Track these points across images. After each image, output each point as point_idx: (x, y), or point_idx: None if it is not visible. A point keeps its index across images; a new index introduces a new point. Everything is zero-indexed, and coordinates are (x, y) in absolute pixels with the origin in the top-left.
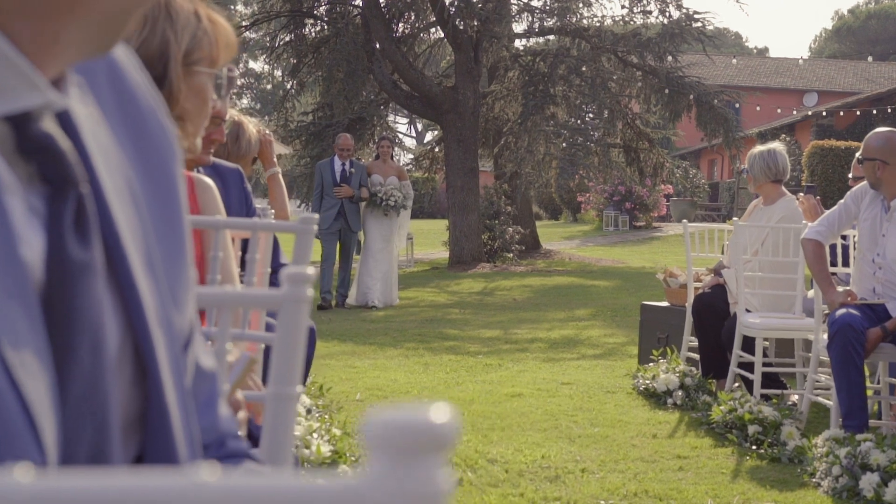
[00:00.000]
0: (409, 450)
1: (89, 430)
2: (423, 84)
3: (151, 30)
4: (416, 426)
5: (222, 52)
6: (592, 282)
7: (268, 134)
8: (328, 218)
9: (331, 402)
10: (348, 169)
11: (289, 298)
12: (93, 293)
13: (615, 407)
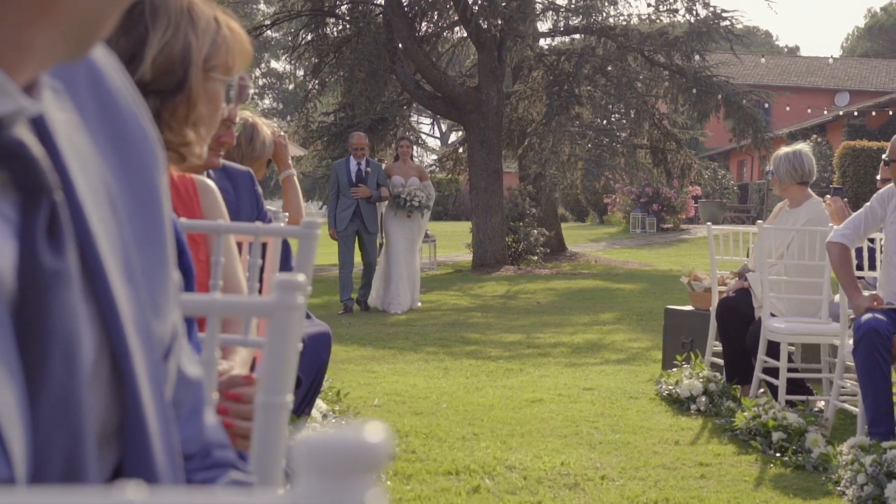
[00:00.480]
0: (337, 470)
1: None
2: (445, 84)
3: (174, 33)
4: (345, 446)
5: (238, 59)
6: (618, 285)
7: (282, 135)
8: (344, 219)
9: (347, 408)
10: (364, 168)
11: (279, 306)
12: (66, 302)
13: (637, 413)
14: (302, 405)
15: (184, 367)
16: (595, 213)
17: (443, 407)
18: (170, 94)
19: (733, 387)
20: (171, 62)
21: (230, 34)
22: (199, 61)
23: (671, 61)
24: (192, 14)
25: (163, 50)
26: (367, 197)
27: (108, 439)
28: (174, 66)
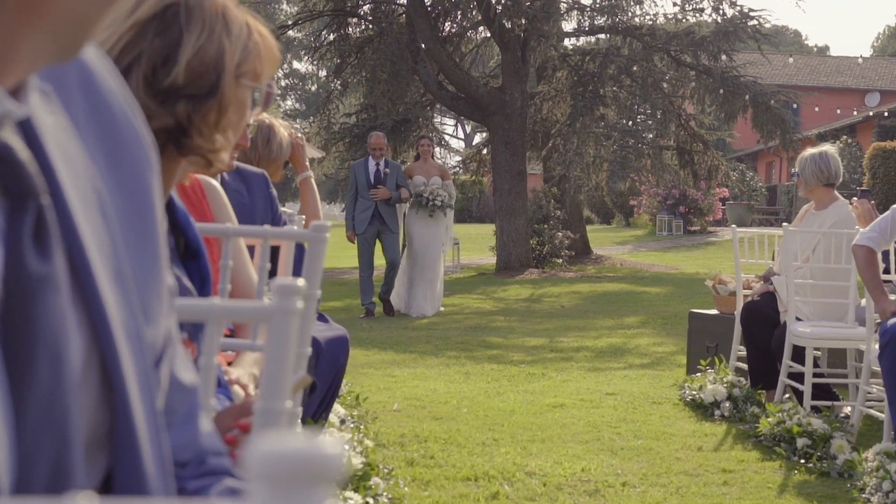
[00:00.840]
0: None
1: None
2: (469, 85)
3: (209, 37)
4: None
5: (266, 66)
6: (643, 288)
7: (300, 137)
8: (363, 221)
9: (366, 413)
10: (382, 169)
11: (279, 311)
12: (53, 307)
13: (660, 418)
14: (319, 410)
15: (178, 372)
16: (621, 215)
17: (463, 412)
18: (202, 98)
19: (758, 392)
20: (204, 66)
21: (261, 40)
22: (232, 67)
23: (698, 61)
24: (227, 18)
25: (197, 53)
26: (386, 198)
27: (97, 446)
28: (208, 70)
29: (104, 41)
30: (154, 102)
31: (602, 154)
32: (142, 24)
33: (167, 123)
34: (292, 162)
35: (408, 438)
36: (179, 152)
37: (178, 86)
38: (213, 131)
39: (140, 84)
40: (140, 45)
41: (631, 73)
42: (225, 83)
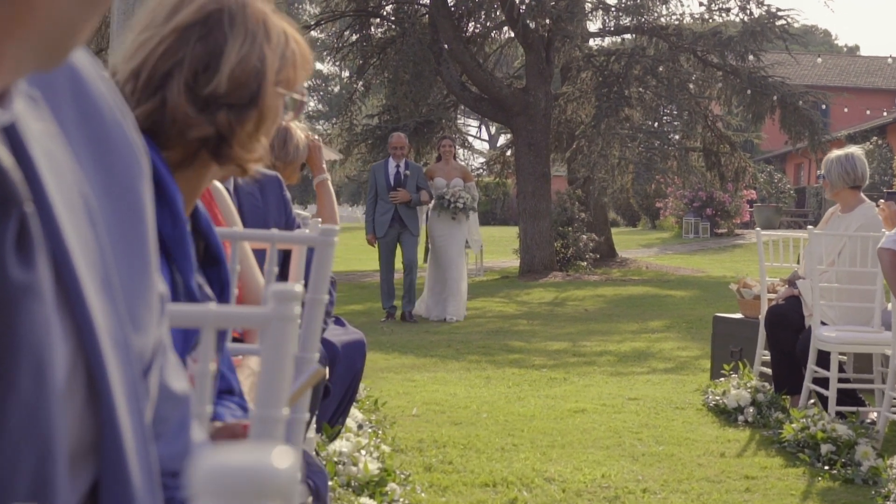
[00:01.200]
0: (237, 496)
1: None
2: (492, 85)
3: (251, 46)
4: (247, 472)
5: (300, 73)
6: (669, 292)
7: (316, 139)
8: (383, 224)
9: (384, 418)
10: (403, 171)
11: (275, 317)
12: (36, 315)
13: (683, 424)
14: (335, 415)
15: (169, 381)
16: (647, 217)
17: (483, 417)
18: (243, 108)
19: (782, 397)
20: (246, 76)
21: (297, 48)
22: (273, 76)
23: (725, 61)
24: (267, 27)
25: (240, 62)
26: (406, 201)
27: (82, 456)
28: (249, 79)
29: (143, 44)
30: (194, 110)
31: (627, 156)
32: (183, 28)
33: (207, 132)
34: (309, 164)
35: (426, 444)
36: (217, 161)
37: (220, 94)
38: (252, 141)
39: (181, 90)
40: (182, 51)
41: (656, 74)
42: (266, 93)
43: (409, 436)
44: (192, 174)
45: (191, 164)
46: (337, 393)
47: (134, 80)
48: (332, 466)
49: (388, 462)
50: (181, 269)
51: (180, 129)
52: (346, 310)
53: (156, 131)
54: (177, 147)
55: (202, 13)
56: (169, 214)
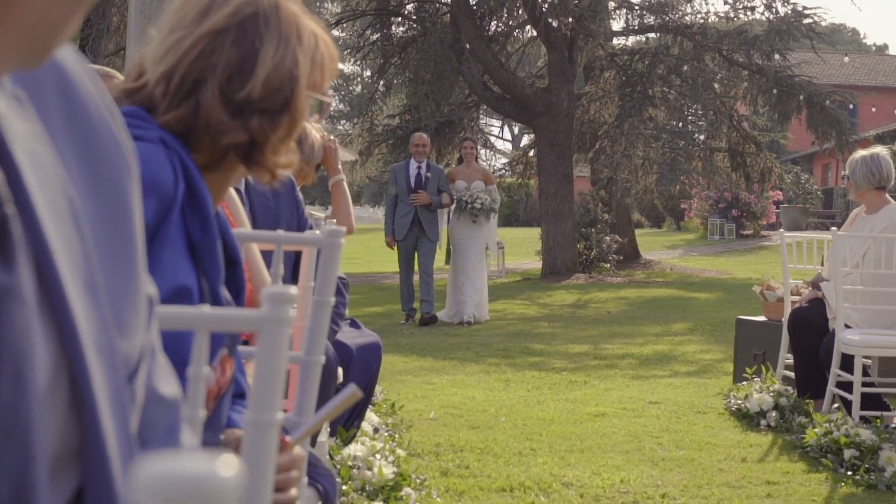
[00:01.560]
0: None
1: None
2: (514, 85)
3: (285, 51)
4: (190, 480)
5: (327, 75)
6: (693, 294)
7: (332, 140)
8: (403, 227)
9: (400, 421)
10: (424, 173)
11: (269, 320)
12: (16, 319)
13: (704, 428)
14: (351, 419)
15: (158, 386)
16: (672, 218)
17: (501, 421)
18: (276, 113)
19: (805, 401)
20: (280, 81)
21: (325, 50)
22: (305, 81)
23: (750, 60)
24: (300, 28)
25: (275, 68)
26: (426, 204)
27: (65, 463)
28: (283, 85)
29: (174, 46)
30: (227, 115)
31: (651, 156)
32: (218, 32)
33: (240, 140)
34: (324, 165)
35: (443, 448)
36: (247, 167)
37: (253, 99)
38: (283, 146)
39: (215, 95)
40: (216, 55)
41: (680, 73)
42: (299, 97)
43: (426, 440)
44: (219, 176)
45: (218, 167)
46: None
47: (166, 82)
48: (346, 471)
49: (403, 466)
50: (209, 275)
51: (213, 135)
52: (366, 312)
53: (188, 135)
54: (206, 150)
55: (238, 17)
56: (199, 219)
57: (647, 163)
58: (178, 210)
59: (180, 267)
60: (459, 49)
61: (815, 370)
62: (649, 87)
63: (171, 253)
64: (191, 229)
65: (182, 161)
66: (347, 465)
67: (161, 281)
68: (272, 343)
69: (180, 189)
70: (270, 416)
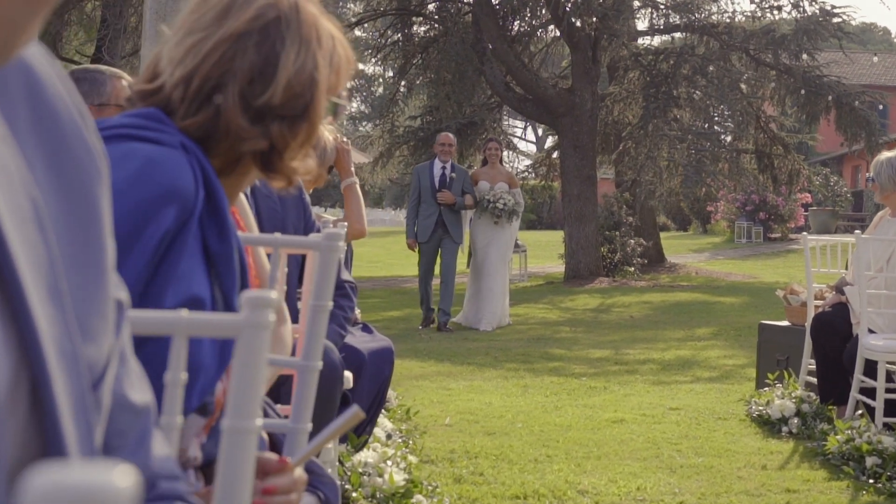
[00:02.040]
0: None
1: None
2: (537, 86)
3: (306, 55)
4: (84, 490)
5: (344, 78)
6: (718, 298)
7: (345, 142)
8: (426, 228)
9: (414, 427)
10: (448, 173)
11: (248, 325)
12: None
13: (724, 435)
14: (362, 425)
15: (128, 393)
16: (698, 221)
17: (517, 427)
18: (296, 119)
19: (828, 408)
20: (301, 86)
21: (343, 52)
22: (325, 85)
23: (778, 60)
24: (319, 32)
25: (297, 73)
26: (451, 203)
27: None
28: (304, 90)
29: (193, 48)
30: (247, 121)
31: (675, 158)
32: (239, 35)
33: (260, 146)
34: (337, 167)
35: (457, 454)
36: (265, 173)
37: (274, 105)
38: (302, 152)
39: (236, 101)
40: (237, 59)
41: (706, 74)
42: (319, 102)
43: (441, 446)
44: (234, 180)
45: (233, 171)
46: (363, 402)
47: (184, 85)
48: (356, 477)
49: (415, 473)
50: (224, 285)
51: (233, 141)
52: (384, 316)
53: (206, 140)
54: (223, 155)
55: (260, 20)
56: (217, 227)
57: (672, 165)
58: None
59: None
60: (481, 49)
61: (838, 376)
62: (674, 88)
63: (187, 262)
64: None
65: (202, 167)
66: (358, 471)
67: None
68: (250, 348)
69: (200, 196)
70: (248, 422)
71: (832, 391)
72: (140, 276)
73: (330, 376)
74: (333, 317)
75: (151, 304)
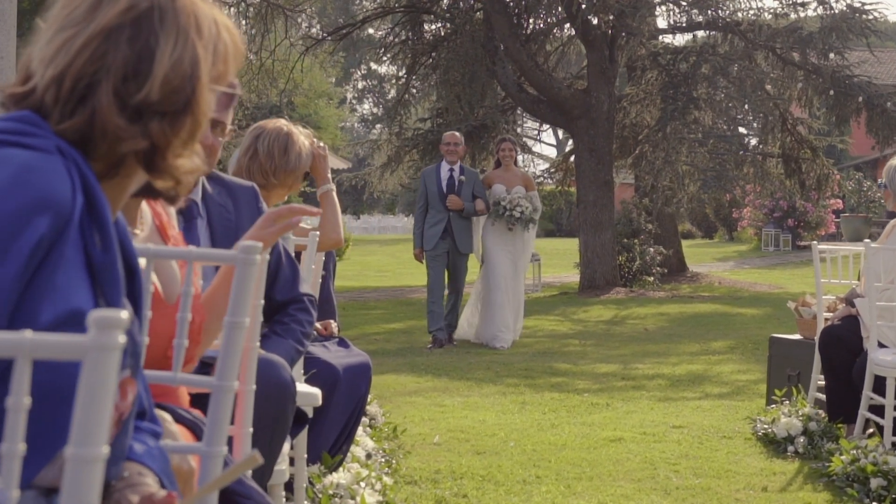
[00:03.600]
0: None
1: None
2: (550, 86)
3: (184, 46)
4: None
5: (232, 66)
6: (739, 310)
7: (322, 146)
8: (433, 237)
9: (399, 447)
10: (457, 176)
11: (94, 347)
12: None
13: (727, 455)
14: (337, 444)
15: None
16: (724, 228)
17: (509, 446)
18: (177, 115)
19: (837, 426)
20: (180, 79)
21: (228, 38)
22: (207, 77)
23: (806, 59)
24: (198, 20)
25: (173, 66)
26: (459, 209)
27: None
28: (183, 83)
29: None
30: (125, 121)
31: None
32: (110, 30)
33: (140, 146)
34: (313, 173)
35: (442, 475)
36: (149, 174)
37: (152, 102)
38: (186, 149)
39: (111, 100)
40: (109, 55)
41: (727, 74)
42: (200, 96)
43: (426, 466)
44: (117, 183)
45: (116, 174)
46: (338, 419)
47: (56, 87)
48: (326, 499)
49: (390, 495)
50: (108, 295)
51: (111, 142)
52: (385, 328)
53: (84, 143)
54: (103, 158)
55: (132, 13)
56: (99, 235)
57: (691, 169)
58: (77, 226)
59: (76, 289)
60: (493, 48)
61: (847, 393)
62: (693, 89)
63: (65, 274)
64: (90, 246)
65: (81, 172)
66: (329, 493)
67: (53, 304)
68: (97, 371)
69: (78, 203)
70: (93, 450)
71: (841, 409)
72: (12, 289)
73: (280, 395)
74: (290, 332)
75: (26, 319)
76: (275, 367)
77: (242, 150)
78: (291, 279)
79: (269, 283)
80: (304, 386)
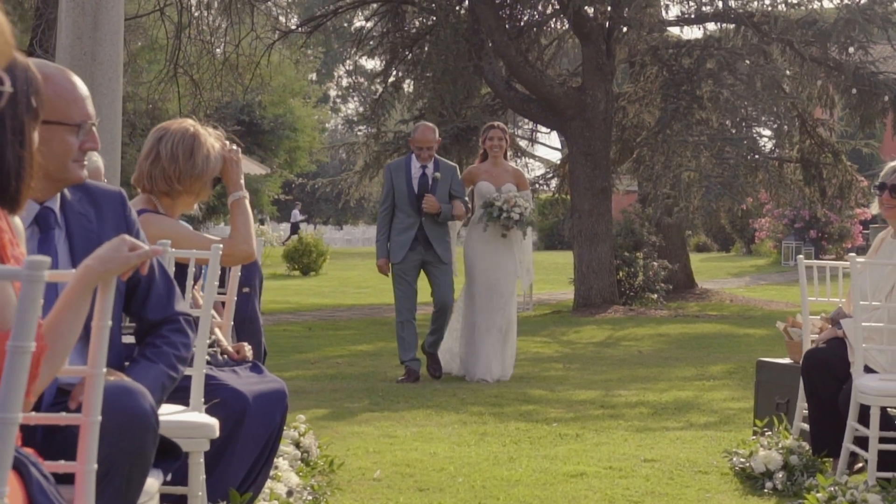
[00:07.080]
0: None
1: None
2: (541, 84)
3: None
4: None
5: None
6: (746, 330)
7: (234, 150)
8: (401, 246)
9: (330, 482)
10: (431, 172)
11: None
12: None
13: (698, 492)
14: (247, 480)
15: None
16: (742, 241)
17: (457, 482)
18: None
19: (822, 460)
20: None
21: None
22: None
23: (826, 55)
24: None
25: None
26: (434, 212)
27: None
28: None
29: None
30: None
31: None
32: None
33: None
34: (223, 179)
35: None
36: None
37: None
38: None
39: None
40: None
41: (734, 70)
42: None
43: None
44: None
45: None
46: (249, 451)
47: None
48: None
49: None
50: None
51: None
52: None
53: None
54: None
55: None
56: None
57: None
58: None
59: None
60: (478, 43)
61: (833, 423)
62: (696, 87)
63: None
64: None
65: None
66: None
67: None
68: None
69: None
70: None
71: (826, 440)
72: None
73: (137, 426)
74: (161, 356)
75: None
76: (131, 396)
77: (144, 154)
78: (166, 296)
79: (140, 300)
80: (197, 415)
